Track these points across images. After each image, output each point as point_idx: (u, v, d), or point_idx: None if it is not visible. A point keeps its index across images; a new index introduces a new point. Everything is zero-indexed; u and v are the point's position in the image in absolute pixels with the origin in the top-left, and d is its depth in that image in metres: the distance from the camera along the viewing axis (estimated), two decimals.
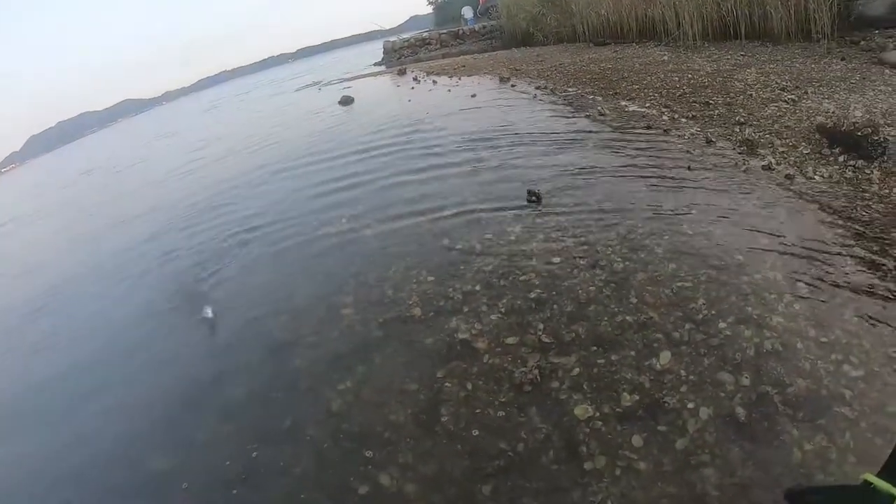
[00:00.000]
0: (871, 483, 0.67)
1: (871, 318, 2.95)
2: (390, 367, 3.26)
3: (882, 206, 4.05)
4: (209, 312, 4.44)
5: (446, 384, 2.98)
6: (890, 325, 2.87)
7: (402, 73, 19.24)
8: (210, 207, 8.28)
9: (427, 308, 3.74)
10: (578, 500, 2.23)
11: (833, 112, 5.76)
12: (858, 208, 4.06)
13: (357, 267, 4.58)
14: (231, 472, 2.77)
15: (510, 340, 3.23)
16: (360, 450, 2.68)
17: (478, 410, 2.77)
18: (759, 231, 3.96)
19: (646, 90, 8.77)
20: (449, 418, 2.76)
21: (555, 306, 3.49)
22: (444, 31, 28.85)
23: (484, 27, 26.05)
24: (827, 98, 6.35)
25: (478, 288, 3.85)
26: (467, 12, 31.07)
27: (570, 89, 10.23)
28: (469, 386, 2.94)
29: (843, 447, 2.24)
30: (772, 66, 8.36)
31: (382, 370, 3.25)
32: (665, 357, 2.88)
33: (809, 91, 6.74)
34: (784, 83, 7.26)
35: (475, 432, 2.65)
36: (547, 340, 3.18)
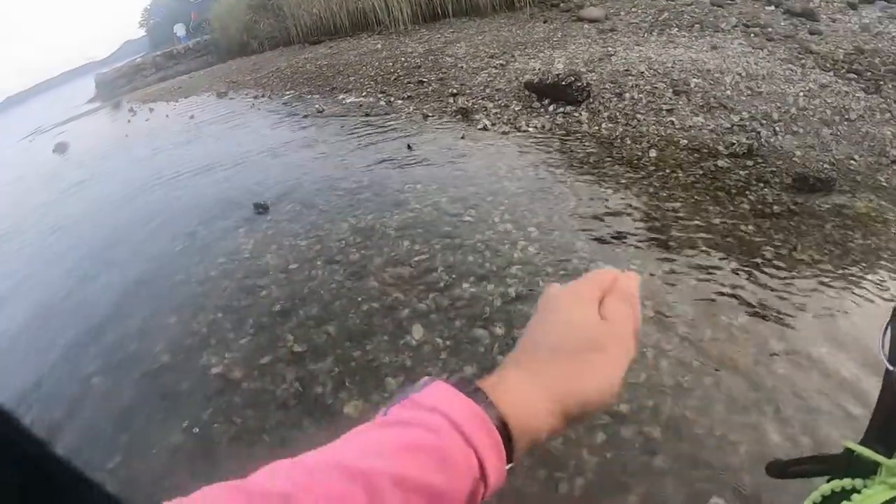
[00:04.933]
0: (853, 451, 0.66)
1: (602, 241, 3.30)
2: (154, 426, 2.92)
3: (594, 141, 4.58)
4: None
5: (214, 426, 2.75)
6: (618, 245, 3.23)
7: (116, 106, 18.06)
8: None
9: (175, 351, 3.40)
10: None
11: (539, 69, 6.43)
12: (573, 148, 4.54)
13: (94, 323, 3.99)
14: None
15: (264, 360, 3.07)
16: None
17: (253, 442, 2.60)
18: (484, 190, 4.25)
19: (362, 80, 9.09)
20: (226, 460, 2.54)
21: (300, 312, 3.38)
22: (159, 53, 27.48)
23: (198, 43, 25.37)
24: (532, 58, 7.11)
25: (220, 315, 3.59)
26: (179, 30, 30.19)
27: (287, 93, 10.24)
28: (237, 420, 2.74)
29: None
30: (480, 37, 9.21)
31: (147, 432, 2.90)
32: (418, 331, 2.93)
33: (516, 54, 7.51)
34: (492, 51, 8.01)
35: (256, 466, 2.45)
36: (300, 349, 3.08)
